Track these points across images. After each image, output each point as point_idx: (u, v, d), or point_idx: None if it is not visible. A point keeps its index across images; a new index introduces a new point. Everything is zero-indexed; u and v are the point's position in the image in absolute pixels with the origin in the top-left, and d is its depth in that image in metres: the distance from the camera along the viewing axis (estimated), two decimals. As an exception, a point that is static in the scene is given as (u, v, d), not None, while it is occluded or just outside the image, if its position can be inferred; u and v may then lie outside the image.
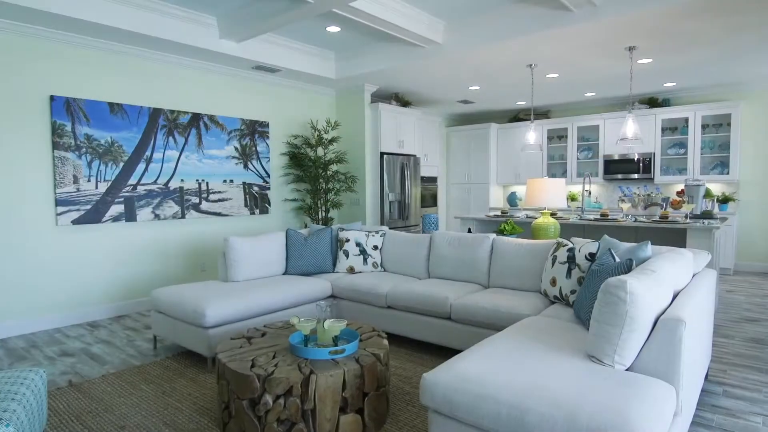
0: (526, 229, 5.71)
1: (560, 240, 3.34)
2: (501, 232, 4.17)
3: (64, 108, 4.40)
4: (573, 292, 3.02)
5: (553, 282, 3.18)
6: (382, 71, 5.92)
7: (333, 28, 5.16)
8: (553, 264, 3.24)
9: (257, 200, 6.04)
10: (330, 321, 2.51)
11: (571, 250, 3.14)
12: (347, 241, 4.42)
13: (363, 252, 4.39)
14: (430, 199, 8.28)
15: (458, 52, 5.11)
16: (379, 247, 4.46)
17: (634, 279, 2.01)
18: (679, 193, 6.34)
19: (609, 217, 5.02)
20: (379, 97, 7.42)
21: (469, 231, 4.86)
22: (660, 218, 4.76)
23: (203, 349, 3.31)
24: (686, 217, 4.99)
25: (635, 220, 4.88)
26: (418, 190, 7.47)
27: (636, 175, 7.53)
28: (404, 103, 7.29)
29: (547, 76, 6.25)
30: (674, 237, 4.95)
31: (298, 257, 4.35)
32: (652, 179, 7.48)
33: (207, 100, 5.49)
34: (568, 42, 4.80)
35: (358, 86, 6.65)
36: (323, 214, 6.49)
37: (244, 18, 4.67)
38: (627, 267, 2.46)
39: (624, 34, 4.57)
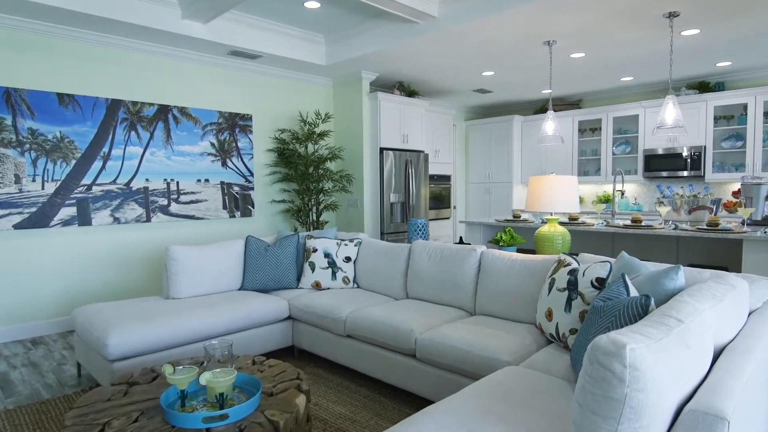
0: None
1: (562, 257, 2.50)
2: (497, 243, 3.36)
3: (3, 99, 3.93)
4: (573, 331, 2.19)
5: (549, 315, 2.36)
6: (376, 54, 5.18)
7: (312, 4, 4.47)
8: (549, 290, 2.41)
9: (238, 201, 5.44)
10: (211, 373, 1.81)
11: (573, 272, 2.31)
12: (314, 251, 3.72)
13: (332, 264, 3.68)
14: (442, 201, 7.46)
15: (457, 27, 4.31)
16: (353, 259, 3.74)
17: (640, 340, 1.20)
18: (735, 194, 5.27)
19: (642, 224, 4.08)
20: (381, 86, 6.69)
21: (461, 240, 4.06)
22: (708, 225, 3.79)
23: (108, 387, 2.69)
24: (743, 223, 3.99)
25: (675, 228, 3.92)
26: (426, 190, 6.68)
27: (685, 173, 6.43)
28: (410, 93, 6.52)
29: (571, 56, 5.32)
30: (726, 249, 3.96)
31: (256, 270, 3.69)
32: (703, 177, 6.37)
33: (176, 90, 4.93)
34: (592, 9, 3.91)
35: (354, 74, 5.94)
36: (314, 217, 5.83)
37: (204, -7, 4.06)
38: (641, 308, 1.63)
39: (661, -5, 3.64)
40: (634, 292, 1.88)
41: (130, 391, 2.07)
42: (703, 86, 6.40)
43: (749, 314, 1.97)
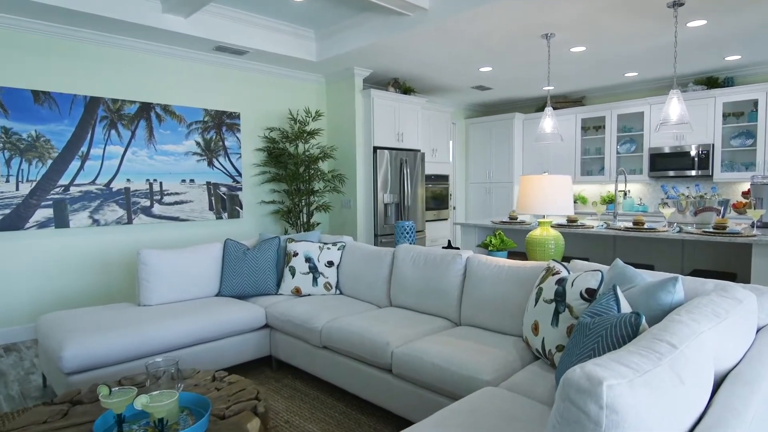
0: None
1: (551, 264, 2.29)
2: (486, 247, 3.15)
3: (-25, 96, 3.79)
4: (560, 348, 1.98)
5: (535, 328, 2.15)
6: (367, 49, 4.98)
7: (297, -4, 4.29)
8: (536, 301, 2.20)
9: (225, 203, 5.27)
10: (148, 396, 1.63)
11: (561, 281, 2.10)
12: (295, 255, 3.53)
13: (313, 269, 3.48)
14: (441, 201, 7.25)
15: (449, 19, 4.10)
16: (336, 264, 3.54)
17: (622, 374, 0.99)
18: (745, 194, 5.02)
19: (645, 226, 3.84)
20: (376, 83, 6.49)
21: (449, 244, 3.84)
22: (714, 228, 3.55)
23: (64, 402, 2.52)
24: (752, 226, 3.74)
25: (680, 230, 3.68)
26: (423, 190, 6.47)
27: (692, 172, 6.17)
28: (405, 90, 6.31)
29: (572, 50, 5.09)
30: (734, 254, 3.71)
31: (233, 275, 3.51)
32: (711, 176, 6.11)
33: (159, 87, 4.76)
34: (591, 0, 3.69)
35: (346, 70, 5.75)
36: (305, 218, 5.64)
37: (183, -15, 3.89)
38: (631, 328, 1.42)
39: (663, -18, 3.41)
40: (625, 306, 1.67)
41: (70, 412, 1.89)
42: (711, 82, 6.14)
43: (757, 331, 1.75)
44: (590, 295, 1.94)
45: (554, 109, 7.50)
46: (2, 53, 3.89)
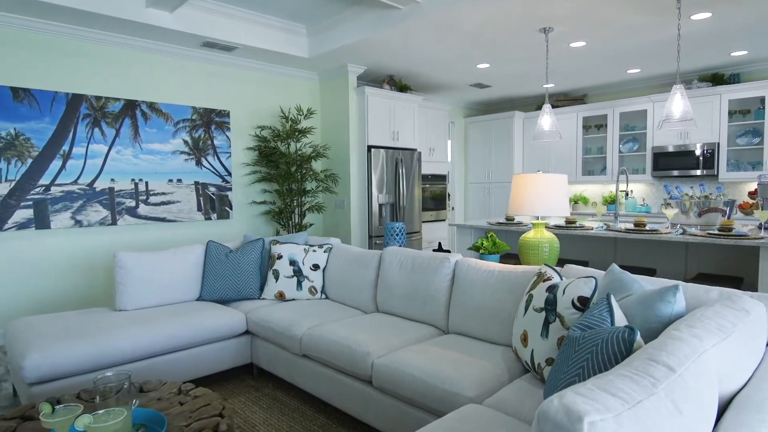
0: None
1: (542, 269, 2.13)
2: (477, 250, 2.98)
3: (-50, 93, 3.66)
4: (550, 362, 1.82)
5: (525, 339, 1.99)
6: (360, 45, 4.83)
7: (285, -10, 4.14)
8: (526, 309, 2.04)
9: (214, 203, 5.12)
10: (92, 415, 1.48)
11: (552, 288, 1.94)
12: (279, 257, 3.38)
13: (298, 273, 3.33)
14: (439, 202, 7.08)
15: (442, 11, 3.94)
16: (322, 267, 3.39)
17: (608, 407, 0.84)
18: (752, 194, 4.84)
19: (646, 228, 3.67)
20: (372, 81, 6.34)
21: (440, 247, 3.68)
22: (720, 230, 3.38)
23: (27, 414, 2.37)
24: (760, 227, 3.56)
25: (683, 232, 3.51)
26: (419, 190, 6.31)
27: (697, 171, 5.98)
28: (401, 88, 6.16)
29: (571, 45, 4.91)
30: (741, 257, 3.54)
31: (215, 278, 3.37)
32: (716, 176, 5.92)
33: (145, 84, 4.63)
34: (587, -11, 3.52)
35: (340, 67, 5.60)
36: (297, 219, 5.49)
37: (165, -23, 3.75)
38: (624, 345, 1.26)
39: (666, -29, 3.24)
40: (620, 318, 1.51)
41: (19, 429, 1.75)
42: (716, 78, 5.95)
43: (767, 345, 1.59)
44: (583, 303, 1.78)
45: (555, 107, 7.32)
46: (-21, 48, 3.77)
